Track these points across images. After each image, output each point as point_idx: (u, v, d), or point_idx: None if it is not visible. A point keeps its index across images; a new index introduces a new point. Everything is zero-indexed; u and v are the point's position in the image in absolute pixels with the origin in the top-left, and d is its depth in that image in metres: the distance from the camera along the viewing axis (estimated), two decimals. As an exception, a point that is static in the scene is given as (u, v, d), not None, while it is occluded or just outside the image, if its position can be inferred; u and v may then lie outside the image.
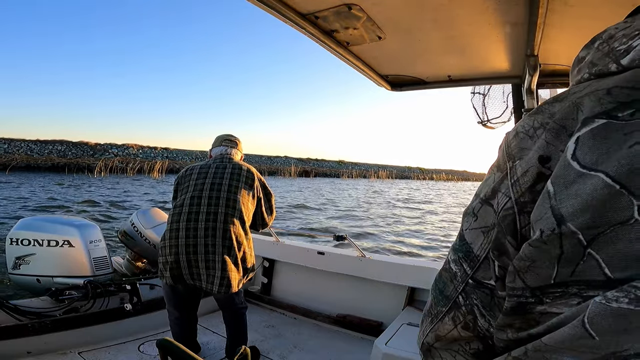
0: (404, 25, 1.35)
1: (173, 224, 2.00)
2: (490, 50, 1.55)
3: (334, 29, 1.35)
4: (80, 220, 2.85)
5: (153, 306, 2.62)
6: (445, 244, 8.96)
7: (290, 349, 2.48)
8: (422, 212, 15.83)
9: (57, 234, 2.60)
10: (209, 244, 1.97)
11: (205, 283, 1.97)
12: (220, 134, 2.34)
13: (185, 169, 2.17)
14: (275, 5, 1.15)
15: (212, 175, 2.08)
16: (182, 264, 1.95)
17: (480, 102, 2.34)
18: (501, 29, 1.33)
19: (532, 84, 1.55)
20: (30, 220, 2.74)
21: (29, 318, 2.26)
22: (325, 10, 1.22)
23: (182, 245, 1.95)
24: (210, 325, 2.66)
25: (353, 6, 1.19)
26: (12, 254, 2.55)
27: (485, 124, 2.35)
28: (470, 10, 1.22)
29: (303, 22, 1.26)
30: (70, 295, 2.45)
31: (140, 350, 2.33)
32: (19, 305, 2.31)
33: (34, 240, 2.54)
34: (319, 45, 1.44)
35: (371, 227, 10.76)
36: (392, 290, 2.62)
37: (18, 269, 2.53)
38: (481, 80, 2.00)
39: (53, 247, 2.57)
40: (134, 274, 3.09)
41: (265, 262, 3.23)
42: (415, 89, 2.14)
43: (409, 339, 2.02)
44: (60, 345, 2.22)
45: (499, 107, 2.24)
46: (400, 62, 1.78)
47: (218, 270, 1.96)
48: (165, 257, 1.98)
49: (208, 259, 1.96)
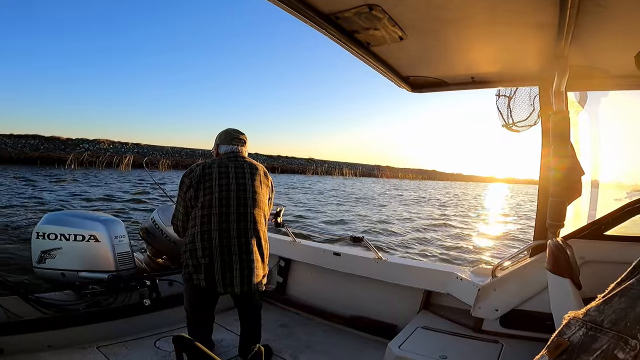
0: (427, 26, 1.32)
1: (204, 226, 1.96)
2: (517, 51, 1.50)
3: (355, 30, 1.33)
4: (105, 216, 2.88)
5: (170, 302, 2.64)
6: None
7: (302, 349, 2.46)
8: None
9: (84, 229, 2.62)
10: (243, 244, 1.99)
11: (239, 286, 1.97)
12: (226, 129, 2.24)
13: (199, 168, 2.09)
14: (296, 6, 1.14)
15: (234, 176, 2.08)
16: (216, 266, 1.94)
17: (505, 105, 2.26)
18: (530, 30, 1.28)
19: (560, 86, 1.49)
20: (57, 215, 2.79)
21: (52, 311, 2.32)
22: (346, 11, 1.20)
23: (217, 247, 1.94)
24: (225, 322, 2.67)
25: (374, 7, 1.17)
26: (38, 248, 2.58)
27: (510, 127, 2.27)
28: (497, 10, 1.18)
29: (323, 23, 1.25)
30: (93, 290, 2.51)
31: (156, 346, 2.36)
32: (42, 297, 2.36)
33: (61, 234, 2.58)
34: (339, 47, 1.43)
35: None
36: (408, 293, 2.57)
37: (43, 263, 2.56)
38: (507, 82, 1.94)
39: (79, 241, 2.59)
40: (154, 270, 3.13)
41: (281, 262, 3.23)
42: (437, 90, 2.09)
43: (423, 343, 1.98)
44: (80, 340, 2.25)
45: (526, 110, 2.15)
46: (422, 63, 1.74)
47: (251, 270, 1.99)
48: (197, 260, 1.94)
49: (242, 259, 1.98)
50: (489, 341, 1.97)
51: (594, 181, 2.09)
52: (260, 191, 2.14)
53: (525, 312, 1.96)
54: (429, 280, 2.48)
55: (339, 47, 1.40)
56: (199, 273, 1.95)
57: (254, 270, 2.00)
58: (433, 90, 2.06)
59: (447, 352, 1.86)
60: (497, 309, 2.02)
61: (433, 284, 2.46)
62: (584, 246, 1.70)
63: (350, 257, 2.86)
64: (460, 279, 2.28)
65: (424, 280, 2.50)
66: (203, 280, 1.94)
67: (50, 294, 2.45)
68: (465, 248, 9.05)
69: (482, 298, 2.06)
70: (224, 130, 2.26)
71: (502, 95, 2.22)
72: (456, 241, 9.80)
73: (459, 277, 2.30)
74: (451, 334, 2.09)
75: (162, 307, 2.61)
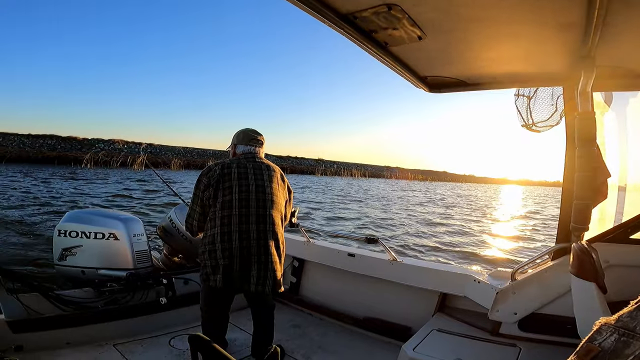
0: (447, 25, 1.30)
1: (224, 227, 1.97)
2: (541, 51, 1.46)
3: (373, 29, 1.31)
4: (125, 214, 2.93)
5: (185, 301, 2.67)
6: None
7: (314, 350, 2.46)
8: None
9: (104, 227, 2.66)
10: (262, 246, 2.00)
11: (255, 286, 1.98)
12: (245, 129, 2.23)
13: (219, 167, 2.08)
14: (314, 5, 1.13)
15: (253, 177, 2.08)
16: (234, 267, 1.96)
17: (524, 105, 2.21)
18: (554, 29, 1.24)
19: (587, 86, 1.44)
20: (78, 213, 2.86)
21: (72, 308, 2.37)
22: (364, 11, 1.19)
23: (236, 248, 1.95)
24: (238, 322, 2.67)
25: (393, 6, 1.15)
26: (60, 245, 2.63)
27: (531, 127, 2.22)
28: (521, 10, 1.15)
29: (341, 23, 1.24)
30: (111, 287, 2.55)
31: (170, 345, 2.38)
32: (62, 295, 2.41)
33: (82, 232, 2.63)
34: (357, 46, 1.41)
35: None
36: (423, 295, 2.54)
37: (64, 260, 2.61)
38: (529, 81, 1.89)
39: (99, 239, 2.63)
40: (170, 268, 3.17)
41: (295, 262, 3.24)
42: (455, 90, 2.05)
43: (438, 345, 1.96)
44: (98, 337, 2.29)
45: (547, 110, 2.10)
46: (440, 63, 1.71)
47: (269, 271, 2.00)
48: (216, 261, 1.95)
49: (260, 260, 1.99)
50: (507, 345, 1.94)
51: (620, 184, 2.02)
52: (278, 193, 2.15)
53: (545, 315, 1.92)
54: (445, 282, 2.45)
55: (358, 47, 1.39)
56: (216, 274, 1.96)
57: (271, 272, 2.01)
58: (451, 91, 2.03)
59: (462, 355, 1.84)
60: (516, 312, 1.99)
61: (449, 286, 2.43)
62: (609, 250, 1.66)
63: (364, 258, 2.83)
64: (478, 281, 2.24)
65: (439, 283, 2.47)
66: (220, 282, 1.95)
67: (70, 291, 2.50)
68: (479, 251, 8.92)
69: (500, 301, 2.03)
70: (242, 130, 2.25)
71: (522, 95, 2.17)
72: (470, 244, 9.65)
73: (476, 280, 2.26)
74: (467, 337, 2.06)
75: (177, 305, 2.64)
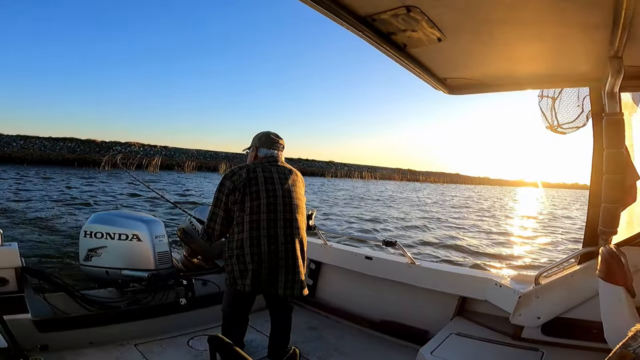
0: (467, 27, 1.28)
1: (253, 232, 1.98)
2: (566, 51, 1.42)
3: (392, 32, 1.31)
4: (147, 216, 3.02)
5: (204, 302, 2.71)
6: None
7: (330, 352, 2.45)
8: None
9: (128, 229, 2.75)
10: (289, 250, 2.04)
11: (283, 290, 2.01)
12: (266, 133, 2.24)
13: (244, 171, 2.08)
14: (332, 8, 1.13)
15: (278, 181, 2.10)
16: (263, 271, 1.99)
17: (549, 106, 2.15)
18: (580, 30, 1.20)
19: (614, 87, 1.40)
20: (103, 215, 2.96)
21: (96, 308, 2.44)
22: (382, 13, 1.18)
23: (265, 252, 1.97)
24: (255, 323, 2.68)
25: (412, 8, 1.14)
26: (85, 246, 2.72)
27: (556, 129, 2.16)
28: (544, 10, 1.12)
29: (360, 25, 1.23)
30: (133, 287, 2.62)
31: (189, 345, 2.42)
32: (87, 295, 2.50)
33: (107, 233, 2.71)
34: (375, 49, 1.41)
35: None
36: (442, 298, 2.49)
37: (89, 261, 2.70)
38: (553, 82, 1.84)
39: (123, 240, 2.72)
40: (189, 269, 3.23)
41: (311, 264, 3.24)
42: (475, 92, 2.02)
43: (456, 349, 1.92)
44: (120, 337, 2.34)
45: (573, 112, 2.04)
46: (461, 65, 1.68)
47: (296, 274, 2.04)
48: (244, 265, 1.98)
49: (288, 264, 2.03)
50: (529, 349, 1.89)
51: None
52: (302, 197, 2.19)
53: (570, 320, 1.86)
54: (464, 286, 2.40)
55: (375, 49, 1.38)
56: (244, 278, 1.98)
57: (298, 275, 2.05)
58: (471, 92, 1.99)
59: (482, 358, 1.80)
60: (540, 317, 1.93)
61: (469, 290, 2.38)
62: (638, 254, 1.60)
63: (382, 261, 2.81)
64: (500, 285, 2.19)
65: (459, 286, 2.42)
66: (249, 285, 1.98)
67: (94, 291, 2.58)
68: (499, 254, 8.72)
69: (523, 305, 1.97)
70: (264, 132, 2.27)
71: (546, 96, 2.12)
72: (490, 247, 9.42)
73: (497, 284, 2.21)
74: (487, 340, 2.02)
75: (196, 306, 2.68)
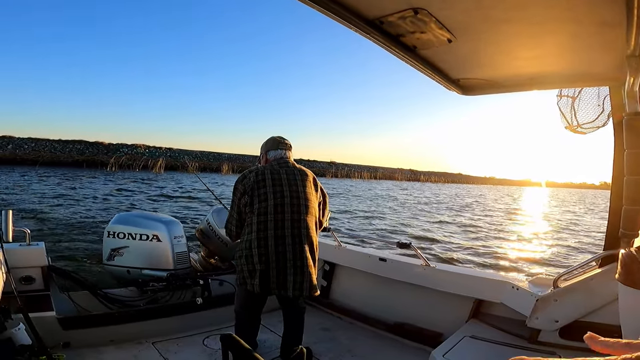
0: (477, 27, 1.26)
1: (260, 232, 2.02)
2: (583, 50, 1.39)
3: (400, 34, 1.31)
4: (166, 217, 3.12)
5: (220, 302, 2.76)
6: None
7: (343, 354, 2.45)
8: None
9: (148, 229, 2.85)
10: (297, 251, 2.04)
11: (292, 291, 2.02)
12: (271, 137, 2.30)
13: (253, 174, 2.12)
14: (340, 12, 1.15)
15: (287, 182, 2.12)
16: (271, 272, 1.99)
17: (568, 106, 2.10)
18: (597, 28, 1.17)
19: (634, 86, 1.35)
20: (126, 215, 3.08)
21: (117, 306, 2.53)
22: (390, 15, 1.19)
23: (272, 253, 1.99)
24: (268, 323, 2.71)
25: (420, 10, 1.14)
26: (109, 246, 2.84)
27: (576, 129, 2.10)
28: (558, 8, 1.10)
29: (368, 28, 1.24)
30: (153, 287, 2.70)
31: (204, 344, 2.46)
32: (109, 293, 2.60)
33: (129, 234, 2.82)
34: (385, 51, 1.41)
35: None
36: (456, 301, 2.45)
37: (112, 260, 2.82)
38: (571, 82, 1.79)
39: (144, 241, 2.82)
40: (206, 269, 3.30)
41: (326, 266, 3.25)
42: (489, 92, 1.98)
43: (470, 352, 1.89)
44: (138, 335, 2.41)
45: (593, 111, 1.98)
46: (473, 65, 1.66)
47: (304, 275, 2.04)
48: (252, 265, 2.01)
49: (296, 265, 2.03)
50: (545, 352, 1.85)
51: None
52: (312, 198, 2.18)
53: (588, 323, 1.83)
54: (480, 288, 2.36)
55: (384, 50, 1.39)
56: (253, 278, 2.02)
57: (307, 275, 2.05)
58: (485, 93, 1.96)
59: None
60: (557, 320, 1.89)
61: (485, 292, 2.34)
62: None
63: (396, 263, 2.79)
64: (517, 288, 2.15)
65: (474, 289, 2.39)
66: (258, 286, 2.01)
67: (116, 290, 2.68)
68: (513, 257, 8.51)
69: (540, 308, 1.93)
70: (269, 138, 2.33)
71: (565, 96, 2.06)
72: (503, 250, 9.19)
73: (514, 287, 2.16)
74: (502, 344, 1.99)
75: (212, 306, 2.73)
